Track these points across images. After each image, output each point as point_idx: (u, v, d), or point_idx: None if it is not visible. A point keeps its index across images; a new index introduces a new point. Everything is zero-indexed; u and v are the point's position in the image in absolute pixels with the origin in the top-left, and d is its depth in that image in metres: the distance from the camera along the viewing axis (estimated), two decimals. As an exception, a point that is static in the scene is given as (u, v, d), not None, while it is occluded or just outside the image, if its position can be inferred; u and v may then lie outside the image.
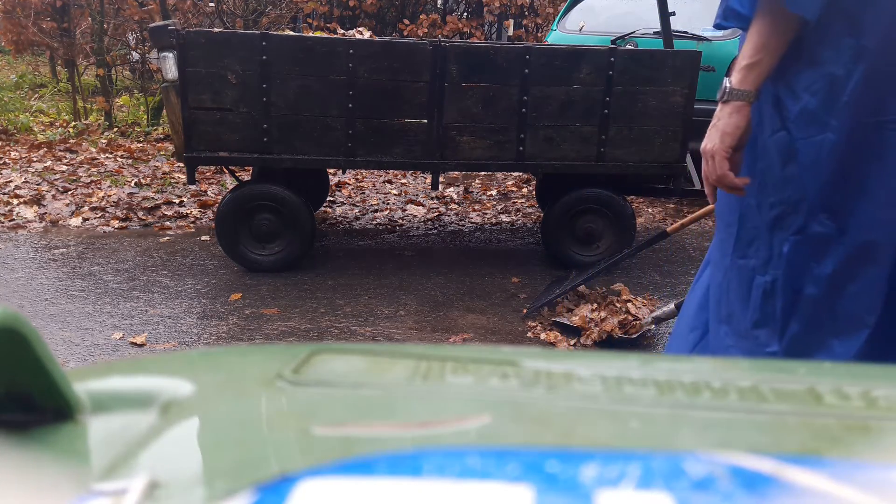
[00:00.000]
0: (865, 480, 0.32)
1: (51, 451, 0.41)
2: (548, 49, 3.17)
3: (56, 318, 2.72)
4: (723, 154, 1.11)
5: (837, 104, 1.03)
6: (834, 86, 1.03)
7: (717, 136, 1.12)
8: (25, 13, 6.39)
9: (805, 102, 1.06)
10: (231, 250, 3.25)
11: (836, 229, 1.09)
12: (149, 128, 6.45)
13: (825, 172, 1.07)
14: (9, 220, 3.95)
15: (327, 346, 0.56)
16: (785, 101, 1.10)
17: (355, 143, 3.12)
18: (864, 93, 1.02)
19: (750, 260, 1.23)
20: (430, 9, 8.67)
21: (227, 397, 0.49)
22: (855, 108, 1.02)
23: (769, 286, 1.18)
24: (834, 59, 1.02)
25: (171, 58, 3.13)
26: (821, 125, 1.05)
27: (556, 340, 2.67)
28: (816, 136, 1.06)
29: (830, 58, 1.03)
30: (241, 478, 0.36)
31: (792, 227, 1.13)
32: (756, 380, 0.50)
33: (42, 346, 0.41)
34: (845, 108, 1.03)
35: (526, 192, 5.07)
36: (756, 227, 1.21)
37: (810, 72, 1.05)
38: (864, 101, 1.02)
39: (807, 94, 1.06)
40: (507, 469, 0.32)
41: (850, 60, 1.01)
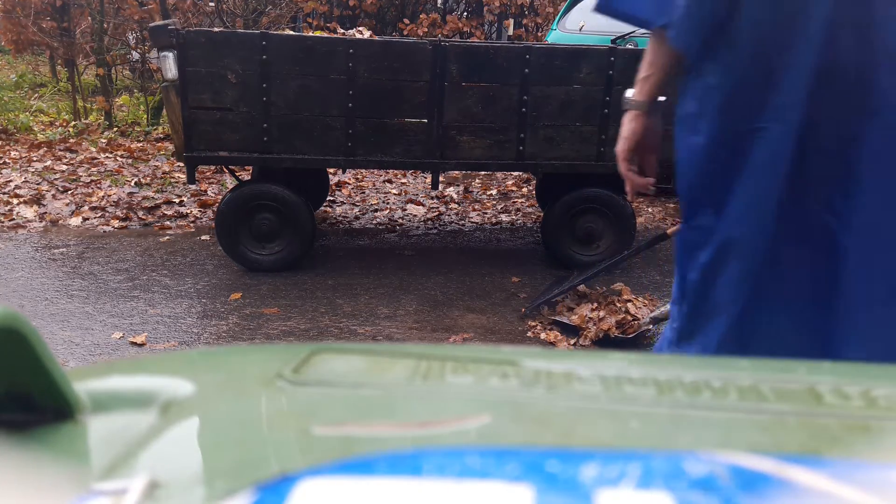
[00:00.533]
0: (865, 480, 0.32)
1: (51, 451, 0.41)
2: (548, 49, 3.17)
3: (56, 318, 2.72)
4: (622, 156, 1.27)
5: (708, 110, 1.14)
6: (707, 94, 1.14)
7: (620, 140, 1.27)
8: (25, 13, 6.39)
9: (686, 108, 1.18)
10: (231, 250, 3.25)
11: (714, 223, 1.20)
12: (149, 127, 6.45)
13: (695, 172, 1.18)
14: (9, 220, 3.95)
15: (327, 345, 0.56)
16: (676, 106, 1.22)
17: (355, 143, 3.12)
18: (734, 102, 1.12)
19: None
20: (430, 8, 8.66)
21: (227, 397, 0.49)
22: (724, 116, 1.13)
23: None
24: (711, 70, 1.13)
25: (171, 57, 3.13)
26: (694, 129, 1.16)
27: (556, 340, 2.67)
28: (690, 138, 1.17)
29: (709, 69, 1.14)
30: (241, 477, 0.36)
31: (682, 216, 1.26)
32: (756, 379, 0.50)
33: (42, 345, 0.41)
34: (714, 114, 1.13)
35: (526, 192, 5.07)
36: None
37: (694, 81, 1.17)
38: (735, 110, 1.12)
39: (688, 101, 1.18)
40: (507, 469, 0.32)
41: (723, 72, 1.12)
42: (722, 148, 1.14)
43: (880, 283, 1.10)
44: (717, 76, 1.12)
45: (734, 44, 1.10)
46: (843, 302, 1.11)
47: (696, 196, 1.20)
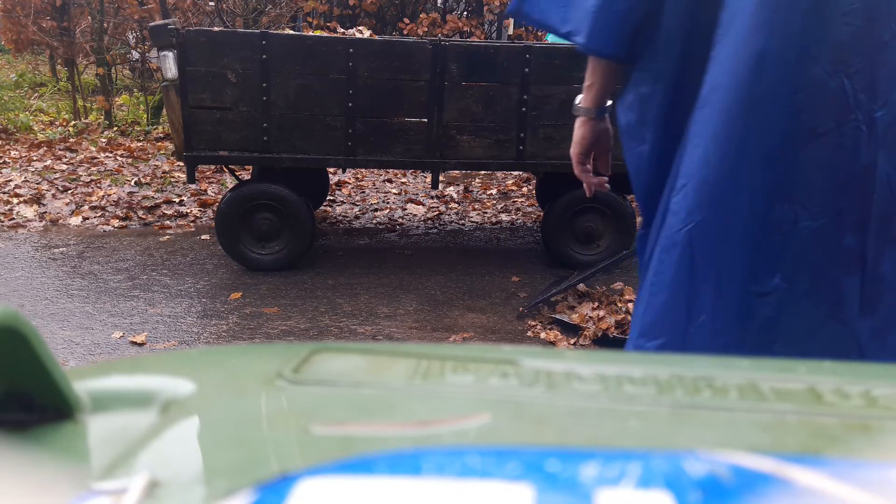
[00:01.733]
0: (866, 479, 0.32)
1: (51, 451, 0.41)
2: (548, 48, 3.17)
3: (56, 318, 2.72)
4: (575, 159, 1.31)
5: (647, 119, 1.16)
6: (643, 103, 1.16)
7: (572, 144, 1.31)
8: (25, 12, 6.39)
9: (627, 118, 1.20)
10: (231, 249, 3.25)
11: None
12: (149, 127, 6.45)
13: (645, 180, 1.20)
14: (9, 220, 3.95)
15: (327, 345, 0.56)
16: (618, 116, 1.24)
17: (355, 142, 3.12)
18: (672, 108, 1.12)
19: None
20: (430, 7, 8.66)
21: (227, 396, 0.49)
22: (664, 123, 1.14)
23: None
24: (642, 79, 1.15)
25: (170, 57, 3.13)
26: (639, 138, 1.18)
27: (556, 339, 2.67)
28: (637, 147, 1.19)
29: (640, 79, 1.15)
30: (241, 477, 0.36)
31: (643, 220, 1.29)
32: (756, 378, 0.50)
33: (42, 345, 0.41)
34: (653, 122, 1.15)
35: (526, 192, 5.07)
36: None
37: (630, 91, 1.18)
38: (674, 116, 1.13)
39: (628, 111, 1.19)
40: (507, 468, 0.32)
41: (653, 81, 1.13)
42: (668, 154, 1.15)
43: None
44: (648, 85, 1.14)
45: (657, 49, 1.11)
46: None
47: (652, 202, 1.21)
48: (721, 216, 1.06)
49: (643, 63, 1.14)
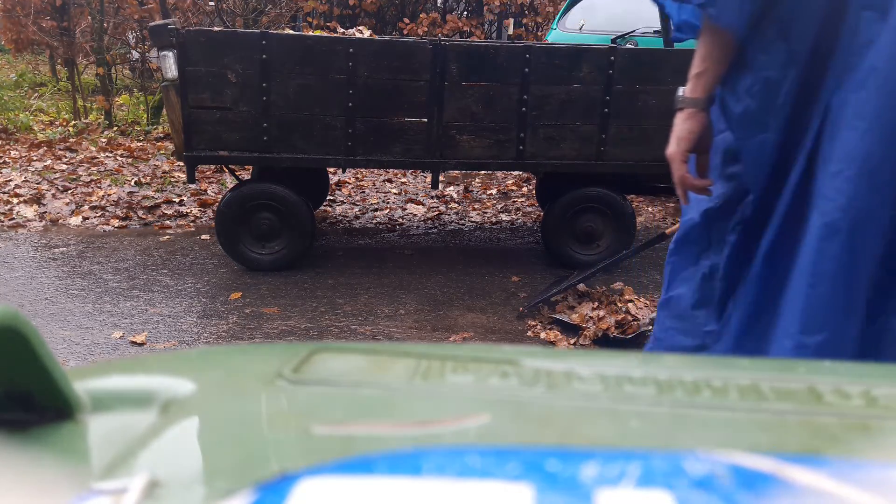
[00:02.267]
0: (865, 479, 0.32)
1: (51, 451, 0.41)
2: (548, 48, 3.16)
3: (56, 317, 2.72)
4: (679, 157, 1.18)
5: (774, 105, 1.10)
6: (770, 88, 1.10)
7: (675, 141, 1.19)
8: (25, 12, 6.39)
9: (746, 104, 1.12)
10: (231, 249, 3.25)
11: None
12: (149, 127, 6.45)
13: (767, 169, 1.14)
14: (9, 219, 3.95)
15: (327, 345, 0.56)
16: (729, 103, 1.16)
17: (355, 142, 3.12)
18: (799, 94, 1.08)
19: (692, 247, 1.33)
20: (430, 7, 8.66)
21: (227, 396, 0.49)
22: (790, 109, 1.09)
23: (707, 270, 1.28)
24: (769, 63, 1.09)
25: (170, 57, 3.13)
26: (761, 126, 1.11)
27: (556, 339, 2.67)
28: (758, 135, 1.12)
29: (765, 62, 1.09)
30: (241, 477, 0.36)
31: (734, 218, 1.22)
32: (756, 378, 0.50)
33: (42, 345, 0.41)
34: (781, 109, 1.09)
35: (526, 192, 5.07)
36: (693, 219, 1.31)
37: (750, 76, 1.11)
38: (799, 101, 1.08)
39: (747, 97, 1.12)
40: (507, 468, 0.32)
41: (783, 64, 1.07)
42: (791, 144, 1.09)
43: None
44: (776, 69, 1.07)
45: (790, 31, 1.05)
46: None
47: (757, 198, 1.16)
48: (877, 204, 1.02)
49: (767, 45, 1.08)
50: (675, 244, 1.39)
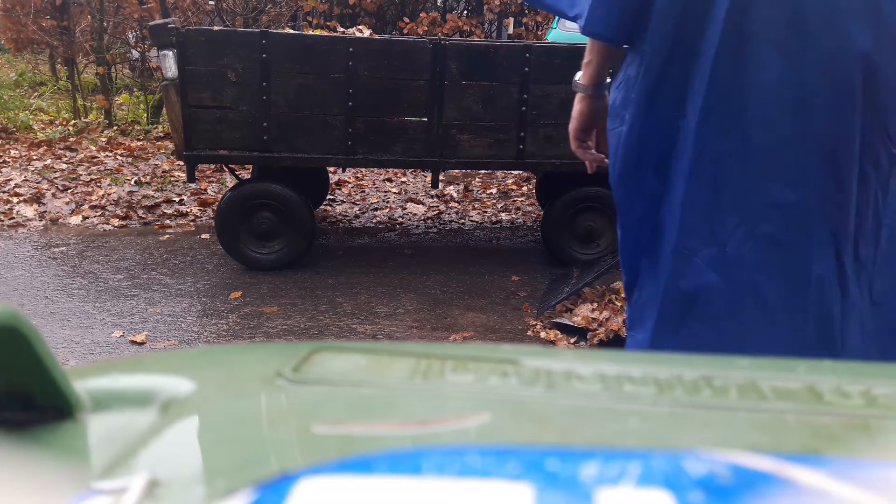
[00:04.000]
0: (865, 479, 0.32)
1: (50, 450, 0.41)
2: (548, 47, 3.16)
3: (56, 317, 2.72)
4: (572, 135, 1.33)
5: (631, 100, 1.18)
6: (628, 84, 1.19)
7: (570, 120, 1.34)
8: (25, 11, 6.39)
9: (613, 97, 1.24)
10: (231, 248, 3.25)
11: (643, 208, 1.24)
12: (149, 126, 6.45)
13: (620, 160, 1.22)
14: (9, 219, 3.95)
15: (327, 344, 0.56)
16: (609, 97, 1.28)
17: (355, 142, 3.12)
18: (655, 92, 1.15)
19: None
20: (430, 7, 8.66)
21: (227, 396, 0.49)
22: (647, 106, 1.16)
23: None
24: (632, 60, 1.19)
25: (170, 56, 3.13)
26: (620, 118, 1.21)
27: (557, 339, 2.67)
28: (617, 127, 1.22)
29: (631, 60, 1.19)
30: (241, 476, 0.36)
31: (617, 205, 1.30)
32: (756, 378, 0.50)
33: (42, 344, 0.41)
34: (633, 103, 1.17)
35: (526, 191, 5.07)
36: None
37: (621, 72, 1.23)
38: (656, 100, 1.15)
39: (615, 91, 1.23)
40: (507, 467, 0.32)
41: (640, 62, 1.16)
42: (646, 137, 1.18)
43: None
44: (635, 66, 1.17)
45: (650, 34, 1.13)
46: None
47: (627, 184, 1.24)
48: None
49: (635, 45, 1.18)
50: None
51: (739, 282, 1.12)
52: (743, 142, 1.08)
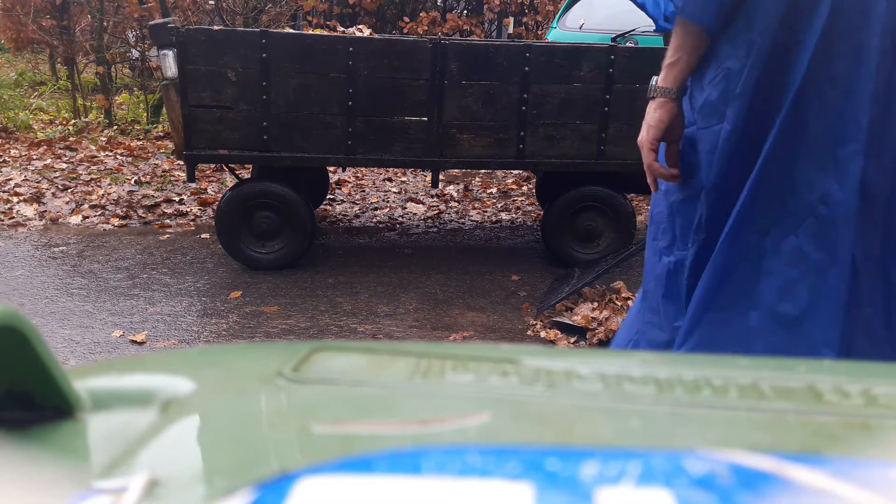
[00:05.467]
0: (865, 478, 0.32)
1: (51, 449, 0.41)
2: (548, 47, 3.16)
3: (56, 316, 2.72)
4: (648, 145, 1.20)
5: (731, 95, 1.11)
6: (730, 78, 1.11)
7: (645, 129, 1.21)
8: (25, 11, 6.39)
9: (708, 94, 1.15)
10: (231, 248, 3.25)
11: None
12: (148, 126, 6.45)
13: (720, 160, 1.15)
14: (9, 218, 3.95)
15: (327, 343, 0.56)
16: (695, 94, 1.19)
17: (355, 141, 3.12)
18: (757, 85, 1.09)
19: (658, 241, 1.33)
20: (430, 6, 8.66)
21: (227, 395, 0.49)
22: (748, 99, 1.10)
23: (672, 266, 1.28)
24: (732, 53, 1.11)
25: (170, 55, 3.12)
26: (719, 115, 1.13)
27: (557, 338, 2.67)
28: (715, 125, 1.14)
29: (729, 52, 1.11)
30: (241, 475, 0.36)
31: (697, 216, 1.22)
32: (756, 377, 0.50)
33: (42, 344, 0.41)
34: (738, 99, 1.11)
35: (526, 190, 5.07)
36: (661, 212, 1.32)
37: (714, 66, 1.14)
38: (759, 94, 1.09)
39: (710, 87, 1.15)
40: (507, 467, 0.32)
41: (744, 55, 1.09)
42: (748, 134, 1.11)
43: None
44: (738, 59, 1.09)
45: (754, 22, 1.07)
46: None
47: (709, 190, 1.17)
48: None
49: (733, 36, 1.09)
50: (648, 236, 1.40)
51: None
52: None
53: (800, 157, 1.09)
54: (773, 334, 1.13)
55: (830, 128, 1.06)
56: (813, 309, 1.10)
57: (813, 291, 1.10)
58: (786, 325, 1.12)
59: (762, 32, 1.06)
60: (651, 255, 1.37)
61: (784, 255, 1.11)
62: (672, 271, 1.28)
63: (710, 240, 1.20)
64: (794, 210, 1.10)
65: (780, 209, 1.11)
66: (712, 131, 1.14)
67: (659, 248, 1.33)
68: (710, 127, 1.14)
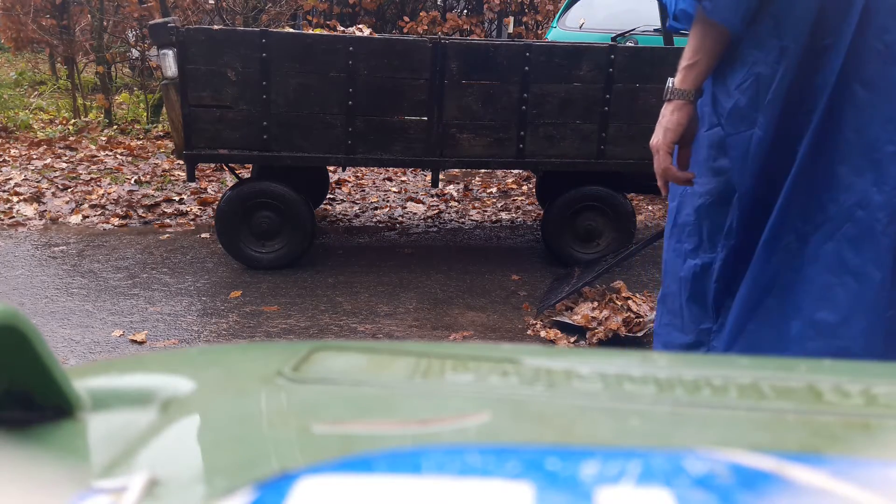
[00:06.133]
0: (865, 478, 0.32)
1: (50, 449, 0.41)
2: (548, 46, 3.16)
3: (56, 316, 2.72)
4: (665, 149, 1.19)
5: (763, 101, 1.09)
6: (760, 84, 1.09)
7: (661, 132, 1.20)
8: (25, 10, 6.38)
9: (736, 100, 1.13)
10: (231, 248, 3.25)
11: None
12: (148, 125, 6.45)
13: (753, 166, 1.13)
14: (9, 218, 3.95)
15: (327, 343, 0.56)
16: (720, 98, 1.16)
17: (355, 141, 3.12)
18: (789, 90, 1.08)
19: (684, 244, 1.32)
20: (430, 6, 8.66)
21: (227, 395, 0.49)
22: (780, 105, 1.09)
23: (699, 269, 1.27)
24: (761, 59, 1.09)
25: (170, 55, 3.12)
26: (749, 121, 1.11)
27: (556, 338, 2.67)
28: (745, 131, 1.12)
29: (758, 58, 1.09)
30: (241, 475, 0.36)
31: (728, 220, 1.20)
32: (756, 377, 0.50)
33: (42, 343, 0.41)
34: (769, 106, 1.09)
35: (526, 190, 5.06)
36: (688, 215, 1.30)
37: (742, 71, 1.11)
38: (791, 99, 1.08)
39: (738, 93, 1.12)
40: (507, 466, 0.32)
41: (775, 60, 1.07)
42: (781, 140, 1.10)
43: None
44: (767, 65, 1.07)
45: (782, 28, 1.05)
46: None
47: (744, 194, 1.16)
48: None
49: (761, 41, 1.08)
50: (666, 239, 1.39)
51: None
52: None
53: (835, 160, 1.07)
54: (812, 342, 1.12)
55: (865, 130, 1.05)
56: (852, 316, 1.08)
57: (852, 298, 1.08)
58: (825, 333, 1.11)
59: (795, 38, 1.05)
60: (674, 257, 1.35)
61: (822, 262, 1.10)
62: (699, 274, 1.27)
63: (741, 245, 1.19)
64: (832, 215, 1.09)
65: (818, 214, 1.10)
66: (743, 137, 1.12)
67: (684, 251, 1.31)
68: (741, 133, 1.12)
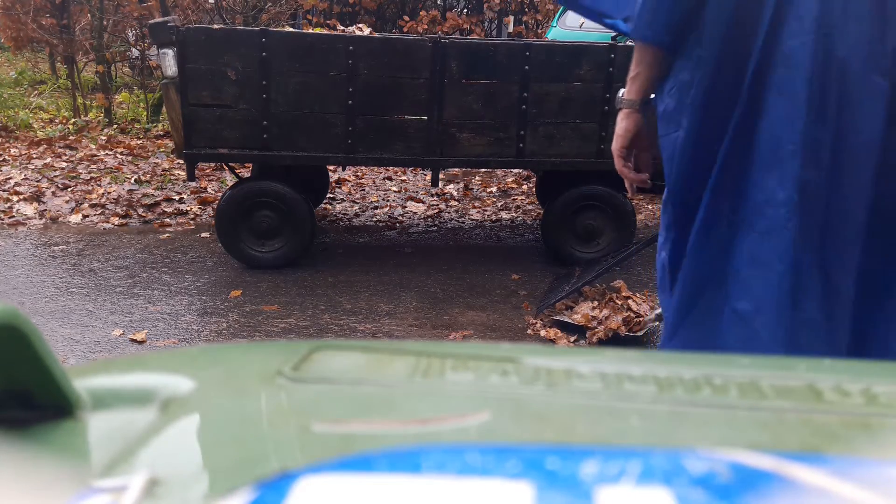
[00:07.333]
0: (865, 477, 0.32)
1: (50, 449, 0.41)
2: (548, 45, 3.16)
3: (56, 315, 2.72)
4: (617, 153, 1.32)
5: (684, 104, 1.18)
6: (682, 89, 1.19)
7: (615, 137, 1.32)
8: (25, 10, 6.38)
9: (666, 104, 1.22)
10: (231, 247, 3.25)
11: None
12: (148, 124, 6.45)
13: (679, 165, 1.22)
14: (9, 217, 3.95)
15: (327, 342, 0.56)
16: (658, 103, 1.26)
17: (355, 140, 3.12)
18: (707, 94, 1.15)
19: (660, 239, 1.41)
20: (430, 5, 8.66)
21: (227, 394, 0.49)
22: (701, 108, 1.16)
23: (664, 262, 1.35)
24: (684, 66, 1.18)
25: (170, 54, 3.12)
26: (676, 123, 1.20)
27: (557, 337, 2.67)
28: (673, 132, 1.21)
29: (682, 66, 1.19)
30: (241, 474, 0.36)
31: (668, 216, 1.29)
32: (756, 376, 0.50)
33: (42, 342, 0.41)
34: (689, 108, 1.17)
35: (526, 189, 5.06)
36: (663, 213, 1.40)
37: (671, 79, 1.22)
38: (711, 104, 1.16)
39: (668, 97, 1.22)
40: (507, 466, 0.32)
41: (693, 67, 1.16)
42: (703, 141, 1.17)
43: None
44: (688, 71, 1.17)
45: (701, 38, 1.14)
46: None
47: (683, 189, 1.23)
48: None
49: (687, 51, 1.17)
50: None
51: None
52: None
53: (751, 161, 1.15)
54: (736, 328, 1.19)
55: (773, 131, 1.12)
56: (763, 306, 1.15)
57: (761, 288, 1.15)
58: (743, 321, 1.18)
59: (707, 46, 1.14)
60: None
61: (743, 255, 1.17)
62: (663, 267, 1.36)
63: (679, 239, 1.28)
64: (750, 211, 1.16)
65: (738, 211, 1.18)
66: (671, 139, 1.22)
67: (659, 245, 1.40)
68: (669, 134, 1.22)
